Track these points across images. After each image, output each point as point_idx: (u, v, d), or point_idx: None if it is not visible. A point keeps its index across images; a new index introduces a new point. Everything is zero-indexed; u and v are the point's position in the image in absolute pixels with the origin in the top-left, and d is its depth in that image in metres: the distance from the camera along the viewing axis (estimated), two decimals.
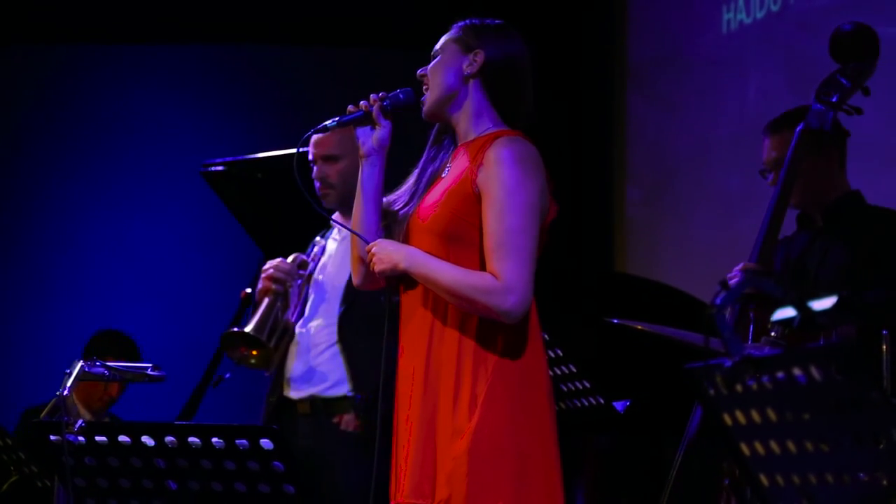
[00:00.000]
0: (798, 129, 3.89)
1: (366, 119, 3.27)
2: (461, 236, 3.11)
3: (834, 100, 3.87)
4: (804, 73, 5.92)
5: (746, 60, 6.37)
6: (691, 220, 6.78)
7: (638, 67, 7.27)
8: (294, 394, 4.30)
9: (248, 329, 4.19)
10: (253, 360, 4.23)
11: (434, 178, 3.23)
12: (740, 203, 6.31)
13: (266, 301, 4.22)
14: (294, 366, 4.30)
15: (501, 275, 3.03)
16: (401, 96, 3.27)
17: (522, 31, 3.28)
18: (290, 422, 4.29)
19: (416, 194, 3.23)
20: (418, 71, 3.26)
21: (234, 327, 4.28)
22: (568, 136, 7.40)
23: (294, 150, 3.34)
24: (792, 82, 6.02)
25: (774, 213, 3.85)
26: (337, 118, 3.27)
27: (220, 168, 5.28)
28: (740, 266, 3.76)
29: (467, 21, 3.25)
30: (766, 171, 4.08)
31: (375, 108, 3.25)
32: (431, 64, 3.24)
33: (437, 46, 3.25)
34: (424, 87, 3.24)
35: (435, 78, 3.21)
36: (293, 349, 4.32)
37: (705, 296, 6.56)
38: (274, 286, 4.23)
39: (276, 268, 4.24)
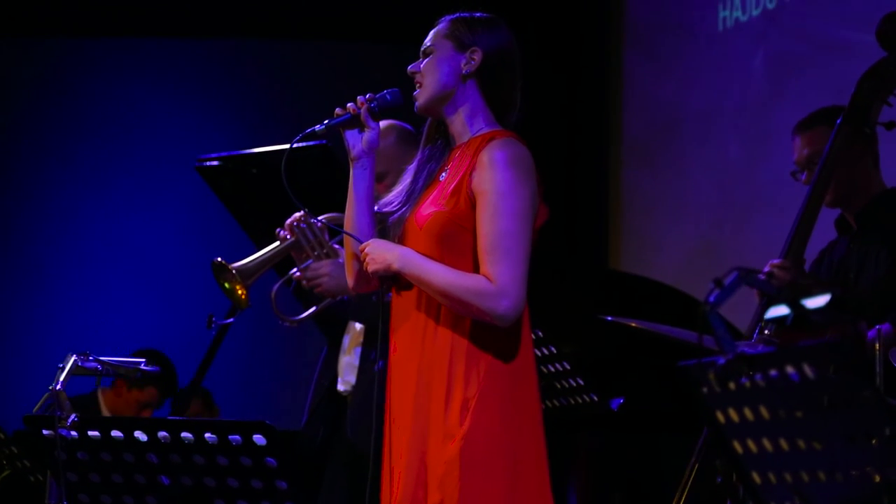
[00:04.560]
0: (838, 121, 3.80)
1: (354, 122, 3.24)
2: (456, 240, 3.09)
3: (879, 89, 3.77)
4: (798, 58, 5.95)
5: (744, 49, 6.38)
6: (689, 189, 6.78)
7: (636, 30, 7.27)
8: (341, 387, 4.33)
9: (235, 265, 4.13)
10: (234, 294, 4.16)
11: (430, 180, 3.21)
12: (740, 172, 6.32)
13: (272, 246, 4.14)
14: (344, 360, 4.33)
15: (495, 278, 3.02)
16: (388, 97, 3.25)
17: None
18: (340, 411, 4.33)
19: (413, 195, 3.21)
20: (409, 68, 3.22)
21: (230, 263, 4.19)
22: (565, 103, 7.40)
23: (287, 146, 3.32)
24: (790, 62, 6.04)
25: (808, 209, 3.76)
26: (326, 122, 3.24)
27: (214, 163, 5.26)
28: (769, 263, 3.71)
29: (457, 15, 3.21)
30: (798, 172, 3.98)
31: (363, 110, 3.23)
32: (424, 62, 3.20)
33: (428, 42, 3.21)
34: (417, 84, 3.22)
35: (430, 76, 3.18)
36: (347, 343, 4.35)
37: (702, 268, 6.58)
38: (283, 234, 4.14)
39: (297, 219, 4.13)
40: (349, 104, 3.24)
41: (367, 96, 3.24)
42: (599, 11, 7.43)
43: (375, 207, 3.26)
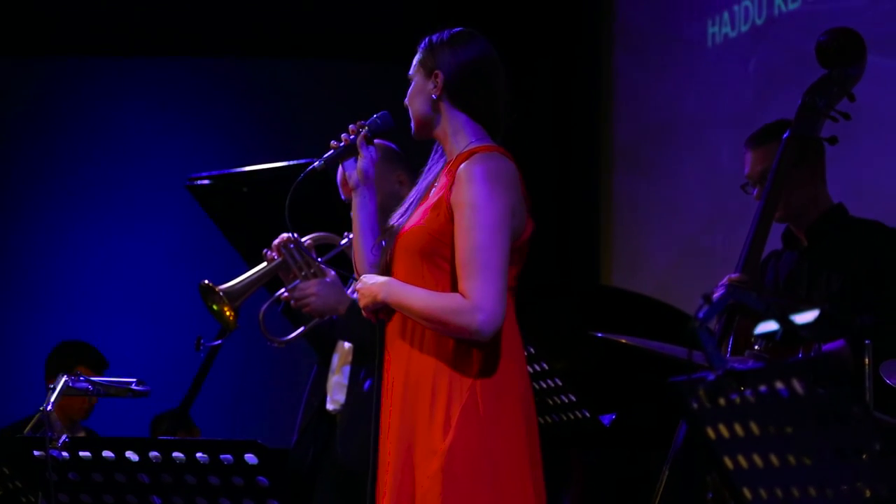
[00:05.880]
0: (784, 136, 3.86)
1: (351, 151, 3.28)
2: (437, 255, 3.12)
3: (821, 105, 3.84)
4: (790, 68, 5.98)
5: (735, 60, 6.40)
6: (680, 196, 6.79)
7: (629, 38, 7.29)
8: (330, 406, 4.32)
9: (222, 287, 4.11)
10: (222, 315, 4.15)
11: (424, 194, 3.24)
12: (731, 179, 6.31)
13: (260, 267, 4.13)
14: (333, 379, 4.32)
15: (469, 293, 3.02)
16: (378, 122, 3.29)
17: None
18: (328, 430, 4.31)
19: (409, 208, 3.24)
20: (406, 100, 3.27)
21: (217, 286, 4.18)
22: (555, 109, 7.42)
23: (281, 165, 3.34)
24: (778, 74, 6.06)
25: (760, 224, 3.81)
26: (324, 157, 3.28)
27: (205, 181, 5.27)
28: (726, 278, 3.75)
29: (427, 39, 3.24)
30: (749, 186, 4.04)
31: (359, 138, 3.26)
32: (408, 91, 3.25)
33: (410, 72, 3.27)
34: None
35: (411, 107, 3.25)
36: (336, 362, 4.34)
37: (693, 275, 6.57)
38: (271, 254, 4.13)
39: (284, 240, 4.11)
40: (343, 135, 3.27)
41: (359, 123, 3.27)
42: (590, 20, 7.44)
43: (390, 220, 3.29)
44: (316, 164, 3.26)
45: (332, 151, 3.28)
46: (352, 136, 3.27)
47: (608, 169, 7.30)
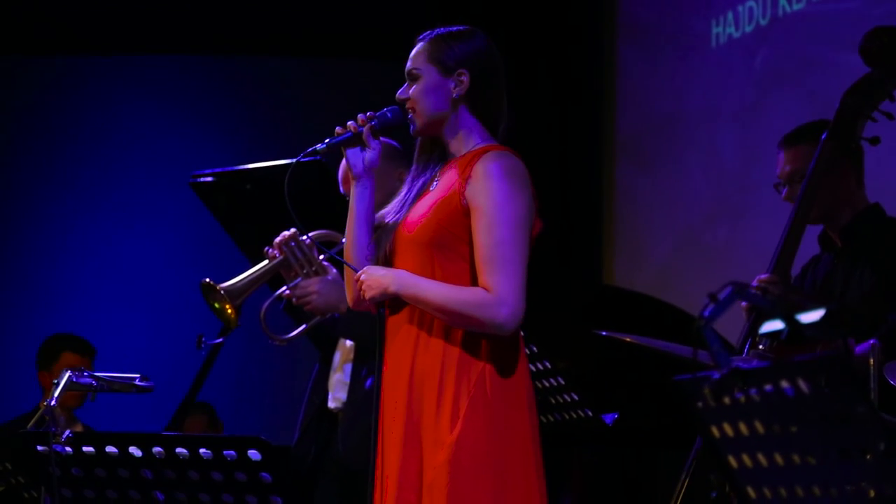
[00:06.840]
0: (823, 136, 3.81)
1: (355, 140, 3.26)
2: (447, 248, 3.12)
3: (862, 106, 3.78)
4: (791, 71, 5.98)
5: (738, 60, 6.40)
6: (683, 191, 6.79)
7: (631, 34, 7.30)
8: (332, 404, 4.32)
9: (223, 285, 4.10)
10: (223, 313, 4.13)
11: (422, 191, 3.23)
12: (735, 175, 6.32)
13: (261, 265, 4.13)
14: (334, 377, 4.33)
15: (493, 287, 3.04)
16: (388, 115, 3.25)
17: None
18: (331, 428, 4.31)
19: (405, 206, 3.23)
20: (398, 94, 3.22)
21: (218, 284, 4.16)
22: (557, 104, 7.42)
23: (285, 161, 3.33)
24: (782, 74, 6.07)
25: (794, 225, 3.77)
26: (327, 140, 3.25)
27: (209, 179, 5.26)
28: (756, 278, 3.73)
29: (434, 33, 3.21)
30: (780, 186, 4.00)
31: (366, 129, 3.24)
32: (413, 89, 3.20)
33: (410, 66, 3.21)
34: (410, 110, 3.21)
35: (421, 104, 3.19)
36: (337, 360, 4.33)
37: (694, 272, 6.56)
38: (272, 252, 4.11)
39: (285, 238, 4.09)
40: (350, 122, 3.25)
41: (368, 114, 3.25)
42: (593, 13, 7.43)
43: (386, 216, 3.28)
44: (318, 146, 3.25)
45: (336, 137, 3.26)
46: (360, 126, 3.25)
47: (610, 162, 7.30)
